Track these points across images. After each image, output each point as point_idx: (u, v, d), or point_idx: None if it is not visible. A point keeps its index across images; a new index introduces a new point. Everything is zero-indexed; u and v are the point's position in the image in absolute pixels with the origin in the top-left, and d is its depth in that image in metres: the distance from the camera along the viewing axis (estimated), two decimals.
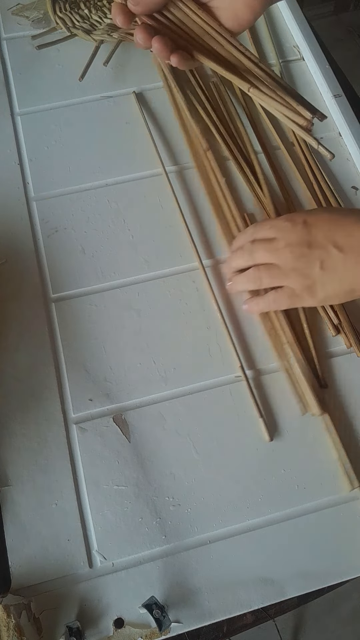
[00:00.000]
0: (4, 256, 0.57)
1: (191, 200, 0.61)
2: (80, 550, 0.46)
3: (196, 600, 0.45)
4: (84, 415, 0.51)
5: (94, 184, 0.62)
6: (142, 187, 0.62)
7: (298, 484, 0.49)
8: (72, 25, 0.70)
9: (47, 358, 0.53)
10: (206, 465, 0.49)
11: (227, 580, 0.45)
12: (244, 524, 0.47)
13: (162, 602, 0.44)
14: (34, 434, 0.50)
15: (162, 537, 0.47)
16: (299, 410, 0.51)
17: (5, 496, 0.47)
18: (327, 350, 0.54)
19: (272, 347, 0.53)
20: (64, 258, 0.58)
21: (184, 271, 0.57)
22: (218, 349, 0.54)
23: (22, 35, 0.71)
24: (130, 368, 0.53)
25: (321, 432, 0.50)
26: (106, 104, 0.67)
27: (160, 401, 0.52)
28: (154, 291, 0.56)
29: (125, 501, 0.48)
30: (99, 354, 0.53)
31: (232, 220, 0.59)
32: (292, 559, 0.46)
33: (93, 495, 0.48)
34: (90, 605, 0.44)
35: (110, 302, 0.56)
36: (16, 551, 0.46)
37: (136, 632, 0.43)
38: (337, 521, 0.48)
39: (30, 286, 0.56)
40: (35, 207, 0.60)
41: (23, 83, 0.68)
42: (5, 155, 0.63)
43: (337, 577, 0.46)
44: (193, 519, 0.47)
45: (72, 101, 0.67)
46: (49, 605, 0.44)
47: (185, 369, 0.53)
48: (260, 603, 0.45)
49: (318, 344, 0.54)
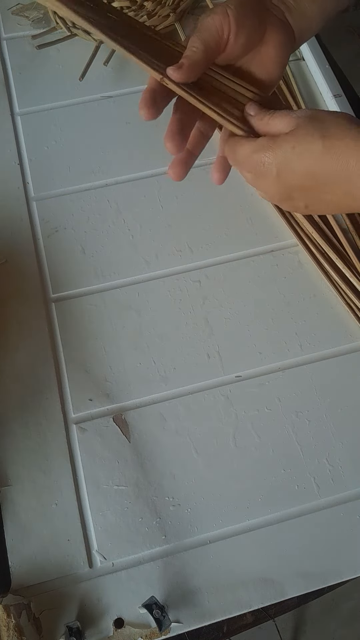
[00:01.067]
0: (4, 256, 0.57)
1: (191, 201, 0.61)
2: (80, 550, 0.46)
3: (196, 600, 0.45)
4: (84, 415, 0.51)
5: (94, 184, 0.62)
6: (142, 187, 0.62)
7: (298, 484, 0.49)
8: (72, 25, 0.70)
9: (47, 358, 0.53)
10: (206, 465, 0.49)
11: (227, 580, 0.45)
12: (244, 524, 0.47)
13: (162, 602, 0.44)
14: (34, 434, 0.50)
15: (162, 537, 0.47)
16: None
17: (5, 496, 0.47)
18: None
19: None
20: (64, 258, 0.58)
21: (184, 271, 0.57)
22: (218, 349, 0.54)
23: (22, 35, 0.71)
24: (130, 368, 0.53)
25: (321, 433, 0.50)
26: (106, 104, 0.67)
27: (160, 401, 0.52)
28: (154, 291, 0.56)
29: (125, 501, 0.48)
30: (99, 354, 0.53)
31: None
32: (292, 559, 0.46)
33: (93, 495, 0.48)
34: (90, 605, 0.44)
35: (110, 302, 0.56)
36: (16, 551, 0.46)
37: (136, 632, 0.43)
38: (337, 521, 0.48)
39: (30, 286, 0.56)
40: (35, 207, 0.60)
41: (23, 83, 0.68)
42: (5, 155, 0.63)
43: (337, 577, 0.46)
44: (193, 519, 0.47)
45: (72, 101, 0.67)
46: (49, 605, 0.44)
47: (186, 369, 0.53)
48: (260, 603, 0.45)
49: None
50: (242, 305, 0.56)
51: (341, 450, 0.50)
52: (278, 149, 0.38)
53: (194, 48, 0.39)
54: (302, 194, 0.39)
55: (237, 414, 0.51)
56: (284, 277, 0.57)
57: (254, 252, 0.58)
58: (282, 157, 0.38)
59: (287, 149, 0.37)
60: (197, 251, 0.58)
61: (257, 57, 0.42)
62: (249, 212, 0.60)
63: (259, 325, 0.55)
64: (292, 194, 0.40)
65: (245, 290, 0.56)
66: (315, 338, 0.54)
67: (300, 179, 0.38)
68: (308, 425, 0.51)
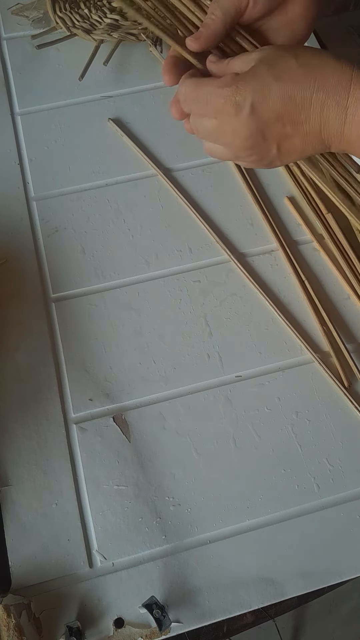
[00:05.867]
0: (4, 256, 0.57)
1: (192, 200, 0.61)
2: (80, 550, 0.46)
3: (196, 600, 0.45)
4: (84, 415, 0.51)
5: (94, 184, 0.62)
6: (142, 187, 0.62)
7: (298, 484, 0.49)
8: (72, 24, 0.69)
9: (47, 358, 0.53)
10: (206, 465, 0.49)
11: (227, 580, 0.45)
12: (244, 524, 0.47)
13: (162, 602, 0.44)
14: (34, 434, 0.50)
15: (162, 537, 0.47)
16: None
17: (5, 496, 0.47)
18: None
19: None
20: (64, 258, 0.58)
21: (184, 271, 0.57)
22: (218, 348, 0.54)
23: (22, 35, 0.71)
24: (130, 368, 0.53)
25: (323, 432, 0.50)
26: (106, 104, 0.67)
27: (160, 401, 0.52)
28: (154, 291, 0.56)
29: (125, 501, 0.48)
30: (99, 354, 0.53)
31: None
32: (292, 559, 0.46)
33: (93, 495, 0.48)
34: (90, 605, 0.44)
35: (110, 302, 0.56)
36: (16, 551, 0.46)
37: (136, 632, 0.43)
38: (337, 521, 0.48)
39: (30, 286, 0.56)
40: (35, 207, 0.60)
41: (23, 83, 0.68)
42: (5, 155, 0.63)
43: (337, 577, 0.46)
44: (193, 519, 0.47)
45: (72, 101, 0.67)
46: (49, 605, 0.44)
47: (186, 369, 0.53)
48: (260, 603, 0.45)
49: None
50: (242, 305, 0.56)
51: (341, 450, 0.50)
52: (250, 78, 0.35)
53: (213, 16, 0.39)
54: (277, 129, 0.36)
55: (237, 414, 0.51)
56: (284, 277, 0.57)
57: (254, 252, 0.58)
58: (258, 84, 0.35)
59: (261, 74, 0.35)
60: (197, 251, 0.58)
61: (282, 14, 0.41)
62: (249, 212, 0.60)
63: (259, 325, 0.55)
64: (265, 130, 0.36)
65: (245, 290, 0.56)
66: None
67: (278, 106, 0.35)
68: (308, 425, 0.51)
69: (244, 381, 0.52)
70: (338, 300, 0.56)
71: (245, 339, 0.54)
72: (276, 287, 0.57)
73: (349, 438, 0.50)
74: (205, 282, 0.57)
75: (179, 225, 0.59)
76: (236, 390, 0.52)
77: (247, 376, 0.53)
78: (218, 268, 0.57)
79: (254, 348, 0.54)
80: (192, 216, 0.60)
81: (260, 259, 0.58)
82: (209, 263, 0.58)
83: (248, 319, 0.55)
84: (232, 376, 0.53)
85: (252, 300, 0.56)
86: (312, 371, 0.53)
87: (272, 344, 0.54)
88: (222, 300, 0.56)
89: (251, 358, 0.53)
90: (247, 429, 0.50)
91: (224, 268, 0.58)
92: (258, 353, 0.54)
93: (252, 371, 0.53)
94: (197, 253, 0.58)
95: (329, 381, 0.52)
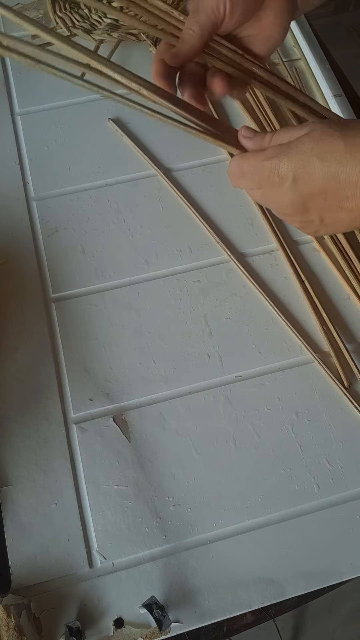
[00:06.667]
0: (4, 256, 0.57)
1: (192, 200, 0.61)
2: (80, 550, 0.46)
3: (196, 600, 0.45)
4: (84, 415, 0.51)
5: (94, 184, 0.62)
6: (142, 187, 0.62)
7: (298, 484, 0.49)
8: (72, 24, 0.70)
9: (47, 358, 0.53)
10: (206, 465, 0.49)
11: (227, 580, 0.45)
12: (244, 524, 0.47)
13: (162, 602, 0.44)
14: (34, 434, 0.50)
15: (162, 537, 0.47)
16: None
17: (5, 496, 0.47)
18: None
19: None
20: (64, 258, 0.58)
21: (184, 271, 0.57)
22: (218, 348, 0.54)
23: (22, 35, 0.71)
24: (130, 368, 0.53)
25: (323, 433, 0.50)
26: (106, 104, 0.67)
27: (160, 401, 0.52)
28: (154, 291, 0.56)
29: (125, 501, 0.48)
30: (99, 354, 0.53)
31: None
32: (292, 559, 0.46)
33: (93, 495, 0.48)
34: (90, 605, 0.44)
35: (110, 302, 0.56)
36: (16, 551, 0.46)
37: (136, 632, 0.43)
38: (337, 521, 0.48)
39: (30, 286, 0.56)
40: (35, 207, 0.60)
41: (23, 83, 0.68)
42: (5, 155, 0.63)
43: (337, 577, 0.46)
44: (193, 519, 0.47)
45: (72, 101, 0.67)
46: (49, 605, 0.44)
47: (185, 369, 0.53)
48: (260, 603, 0.45)
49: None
50: (241, 305, 0.56)
51: (341, 450, 0.50)
52: (294, 153, 0.35)
53: (190, 31, 0.40)
54: (319, 203, 0.37)
55: (237, 414, 0.51)
56: (283, 277, 0.57)
57: (253, 252, 0.58)
58: (300, 161, 0.35)
59: (305, 150, 0.35)
60: (197, 251, 0.58)
61: (257, 22, 0.42)
62: (249, 212, 0.61)
63: (258, 325, 0.55)
64: (307, 203, 0.37)
65: (245, 290, 0.56)
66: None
67: (320, 183, 0.35)
68: (308, 425, 0.51)
69: (244, 381, 0.52)
70: (338, 300, 0.56)
71: (245, 339, 0.54)
72: (276, 287, 0.57)
73: (349, 438, 0.50)
74: (205, 282, 0.57)
75: (178, 225, 0.59)
76: (236, 390, 0.52)
77: (247, 376, 0.53)
78: (218, 268, 0.58)
79: (254, 348, 0.54)
80: (192, 216, 0.60)
81: (260, 259, 0.58)
82: (208, 263, 0.58)
83: (248, 319, 0.55)
84: (232, 376, 0.53)
85: (252, 300, 0.56)
86: (312, 371, 0.53)
87: (272, 344, 0.54)
88: (222, 300, 0.56)
89: (251, 358, 0.53)
90: (247, 429, 0.50)
91: (224, 268, 0.58)
92: (258, 353, 0.54)
93: (252, 371, 0.53)
94: (197, 253, 0.58)
95: (329, 381, 0.52)
